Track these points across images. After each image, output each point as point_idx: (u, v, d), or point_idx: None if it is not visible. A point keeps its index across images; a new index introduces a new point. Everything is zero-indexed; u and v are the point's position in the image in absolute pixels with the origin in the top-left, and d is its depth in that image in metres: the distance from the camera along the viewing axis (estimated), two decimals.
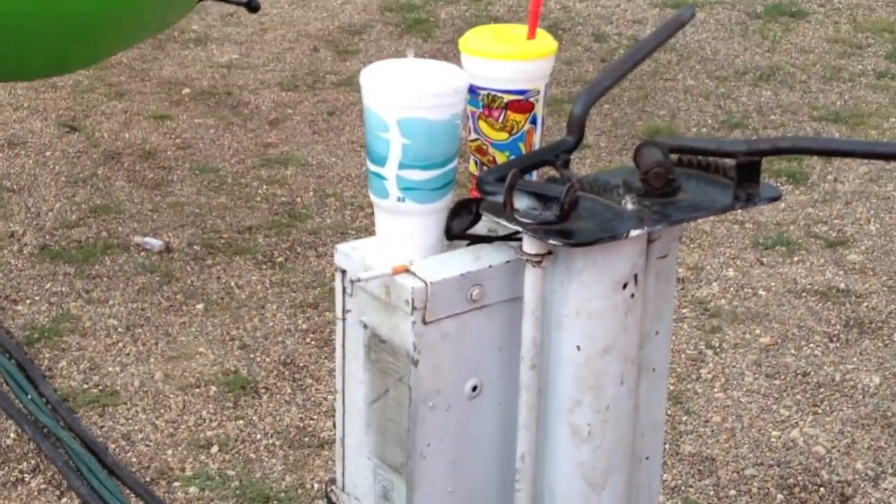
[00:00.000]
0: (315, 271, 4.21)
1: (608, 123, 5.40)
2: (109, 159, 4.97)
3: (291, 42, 6.28)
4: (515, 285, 1.81)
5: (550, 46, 1.95)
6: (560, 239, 1.72)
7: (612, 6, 6.87)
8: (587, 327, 1.79)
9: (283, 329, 3.89)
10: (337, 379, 1.93)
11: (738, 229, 4.53)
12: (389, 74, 1.81)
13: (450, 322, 1.79)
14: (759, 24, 6.63)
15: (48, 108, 5.42)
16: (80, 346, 3.79)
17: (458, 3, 6.87)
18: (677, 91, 5.76)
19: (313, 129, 5.31)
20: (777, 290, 4.16)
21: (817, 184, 4.88)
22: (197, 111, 5.45)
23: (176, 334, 3.86)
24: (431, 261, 1.82)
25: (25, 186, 4.73)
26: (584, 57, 6.14)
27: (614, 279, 1.79)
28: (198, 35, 6.33)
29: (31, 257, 4.25)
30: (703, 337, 3.89)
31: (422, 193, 1.82)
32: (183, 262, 4.25)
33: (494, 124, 1.94)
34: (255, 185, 4.80)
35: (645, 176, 1.83)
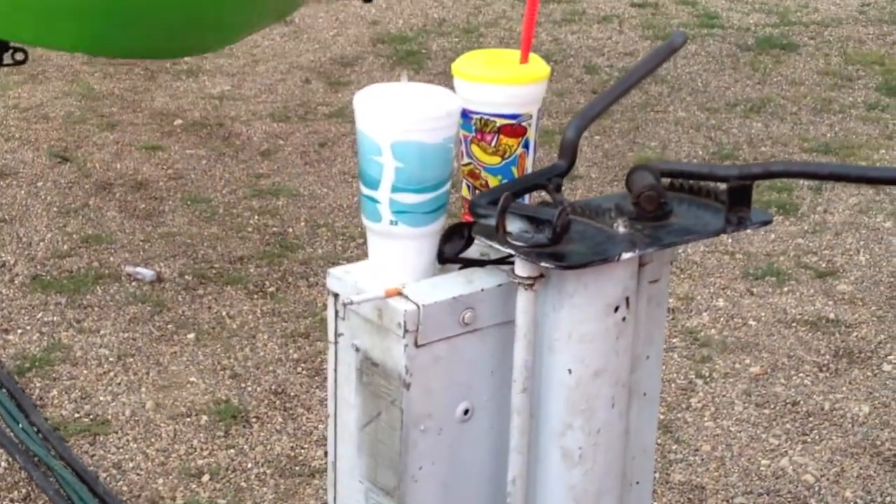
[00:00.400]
0: (306, 301, 4.21)
1: (599, 154, 5.42)
2: (101, 190, 4.98)
3: (283, 74, 6.30)
4: (507, 309, 1.81)
5: (543, 71, 1.96)
6: (552, 262, 1.73)
7: (603, 38, 6.91)
8: (579, 350, 1.80)
9: (274, 358, 3.89)
10: (329, 403, 1.93)
11: (728, 259, 4.54)
12: (383, 98, 1.82)
13: (442, 345, 1.79)
14: (750, 56, 6.68)
15: (40, 138, 5.43)
16: (71, 376, 3.78)
17: (449, 35, 6.90)
18: (668, 123, 5.79)
19: (305, 160, 5.32)
20: (767, 319, 4.17)
21: (807, 214, 4.90)
22: (189, 142, 5.46)
23: (167, 364, 3.85)
24: (424, 284, 1.82)
25: (17, 216, 4.73)
26: (576, 88, 6.17)
27: (606, 302, 1.79)
28: (190, 66, 6.35)
29: (23, 287, 4.25)
30: (693, 366, 3.89)
31: (414, 217, 1.82)
32: (174, 291, 4.25)
33: (487, 148, 1.95)
34: (247, 215, 4.81)
35: (637, 199, 1.83)
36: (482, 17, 7.26)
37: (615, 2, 7.59)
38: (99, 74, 6.21)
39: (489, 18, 7.23)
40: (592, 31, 7.03)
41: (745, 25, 7.18)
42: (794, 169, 1.96)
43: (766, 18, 7.32)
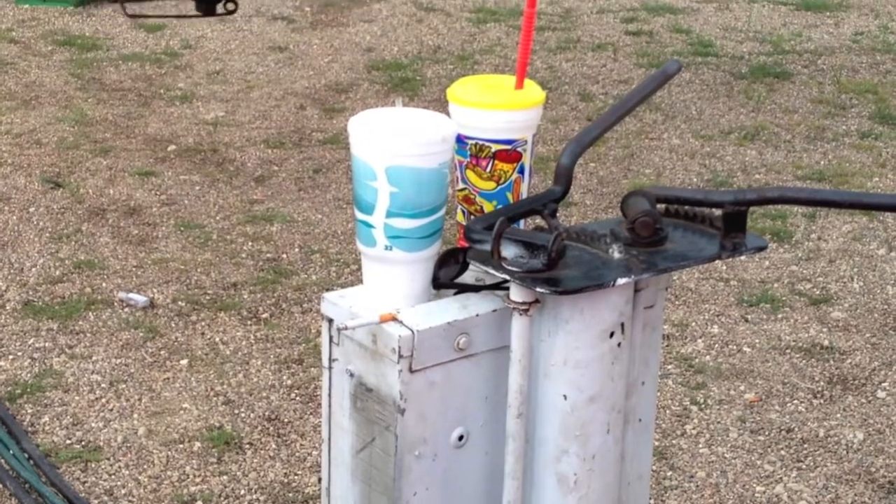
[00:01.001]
0: (300, 327, 4.20)
1: (594, 182, 5.42)
2: (94, 215, 4.97)
3: (278, 100, 6.30)
4: (502, 334, 1.81)
5: (538, 96, 1.96)
6: (547, 287, 1.72)
7: (598, 66, 6.93)
8: (574, 376, 1.79)
9: (267, 385, 3.88)
10: (323, 428, 1.92)
11: (722, 286, 4.54)
12: (378, 123, 1.82)
13: (436, 371, 1.78)
14: (744, 84, 6.69)
15: (32, 164, 5.43)
16: (63, 402, 3.76)
17: (444, 62, 6.92)
18: (662, 150, 5.80)
19: (299, 186, 5.32)
20: (761, 346, 4.17)
21: (801, 242, 4.90)
22: (182, 168, 5.46)
23: (160, 390, 3.84)
24: (418, 309, 1.81)
25: (9, 242, 4.72)
26: (571, 116, 6.18)
27: (601, 328, 1.79)
28: (184, 92, 6.36)
29: (15, 313, 4.24)
30: (687, 393, 3.88)
31: (409, 242, 1.82)
32: (167, 317, 4.24)
33: (482, 174, 1.94)
34: (241, 241, 4.80)
35: (632, 225, 1.83)
36: (477, 44, 7.28)
37: (610, 30, 7.61)
38: (92, 100, 6.21)
39: (484, 45, 7.24)
40: (587, 59, 7.05)
41: (739, 54, 7.21)
42: (789, 195, 1.95)
43: (759, 47, 7.34)
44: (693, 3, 8.23)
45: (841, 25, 7.81)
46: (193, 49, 7.04)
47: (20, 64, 6.70)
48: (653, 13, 7.96)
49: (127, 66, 6.73)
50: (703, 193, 1.95)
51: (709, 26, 7.73)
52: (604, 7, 8.10)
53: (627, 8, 8.09)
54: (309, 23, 7.60)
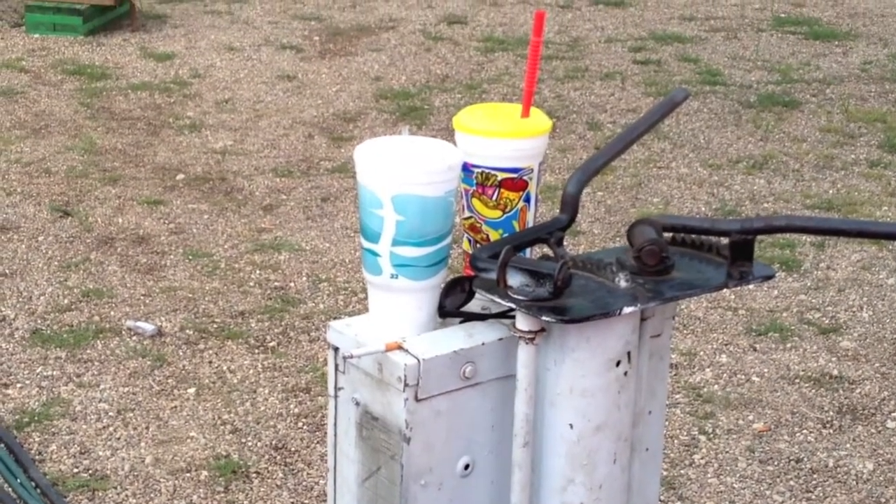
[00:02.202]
0: (308, 356, 4.19)
1: (601, 210, 5.42)
2: (102, 244, 4.97)
3: (286, 129, 6.32)
4: (508, 363, 1.80)
5: (544, 125, 1.96)
6: (553, 316, 1.72)
7: (605, 95, 6.94)
8: (580, 405, 1.78)
9: (274, 413, 3.87)
10: (328, 457, 1.91)
11: (731, 316, 4.53)
12: (384, 151, 1.82)
13: (442, 399, 1.78)
14: (753, 113, 6.70)
15: (41, 192, 5.44)
16: (70, 430, 3.76)
17: (452, 91, 6.93)
18: (671, 179, 5.80)
19: (307, 214, 5.32)
20: (770, 376, 4.15)
21: (810, 271, 4.89)
22: (191, 196, 5.47)
23: (167, 418, 3.83)
24: (424, 338, 1.81)
25: (18, 271, 4.73)
26: (579, 145, 6.19)
27: (607, 357, 1.78)
28: (192, 121, 6.38)
29: (23, 341, 4.24)
30: (696, 422, 3.87)
31: (415, 270, 1.81)
32: (175, 346, 4.24)
33: (488, 202, 1.94)
34: (249, 269, 4.80)
35: (638, 253, 1.83)
36: (485, 73, 7.30)
37: (618, 59, 7.63)
38: (101, 129, 6.23)
39: (492, 75, 7.26)
40: (595, 88, 7.06)
41: (748, 83, 7.21)
42: (796, 224, 1.94)
43: (768, 76, 7.35)
44: (701, 32, 8.24)
45: (849, 54, 7.82)
46: (202, 78, 7.07)
47: (30, 93, 6.73)
48: (661, 42, 7.98)
49: (136, 96, 6.76)
50: (709, 222, 1.94)
51: (717, 55, 7.74)
52: (612, 36, 8.12)
53: (635, 37, 8.11)
54: (317, 52, 7.63)
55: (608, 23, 8.45)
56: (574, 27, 8.33)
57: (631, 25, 8.40)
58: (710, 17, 8.67)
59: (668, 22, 8.51)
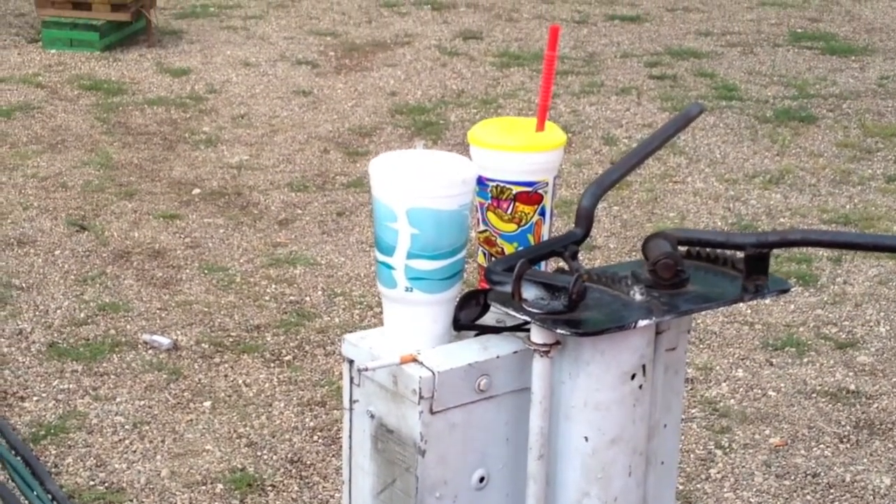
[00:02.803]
0: (323, 369, 4.19)
1: (617, 225, 5.42)
2: (119, 258, 4.99)
3: (301, 144, 6.33)
4: (523, 376, 1.80)
5: (559, 139, 1.96)
6: (568, 329, 1.72)
7: (621, 110, 6.94)
8: (595, 418, 1.78)
9: (290, 427, 3.87)
10: (343, 469, 1.91)
11: (747, 330, 4.52)
12: (398, 165, 1.82)
13: (457, 412, 1.78)
14: (769, 128, 6.69)
15: (58, 207, 5.46)
16: (86, 443, 3.76)
17: (467, 106, 6.94)
18: (686, 193, 5.79)
19: (322, 229, 5.33)
20: (787, 390, 4.14)
21: (827, 286, 4.88)
22: (207, 211, 5.48)
23: (183, 431, 3.84)
24: (439, 350, 1.81)
25: (34, 284, 4.75)
26: (594, 159, 6.19)
27: (622, 370, 1.78)
28: (208, 136, 6.40)
29: (39, 354, 4.25)
30: (712, 437, 3.86)
31: (430, 283, 1.82)
32: (191, 359, 4.24)
33: (503, 216, 1.94)
34: (264, 284, 4.81)
35: (653, 267, 1.83)
36: (500, 88, 7.30)
37: (634, 74, 7.63)
38: (118, 144, 6.25)
39: (507, 90, 7.27)
40: (611, 103, 7.06)
41: (764, 98, 7.21)
42: (812, 238, 1.95)
43: (784, 91, 7.34)
44: (717, 48, 8.24)
45: (866, 69, 7.81)
46: (218, 93, 7.09)
47: (47, 108, 6.76)
48: (676, 57, 7.98)
49: (152, 111, 6.78)
50: (724, 235, 1.95)
51: (733, 70, 7.73)
52: (627, 51, 8.13)
53: (651, 52, 8.11)
54: (333, 67, 7.65)
55: (624, 38, 8.46)
56: (590, 42, 8.33)
57: (647, 41, 8.41)
58: (727, 32, 8.67)
59: (684, 37, 8.51)
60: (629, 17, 9.01)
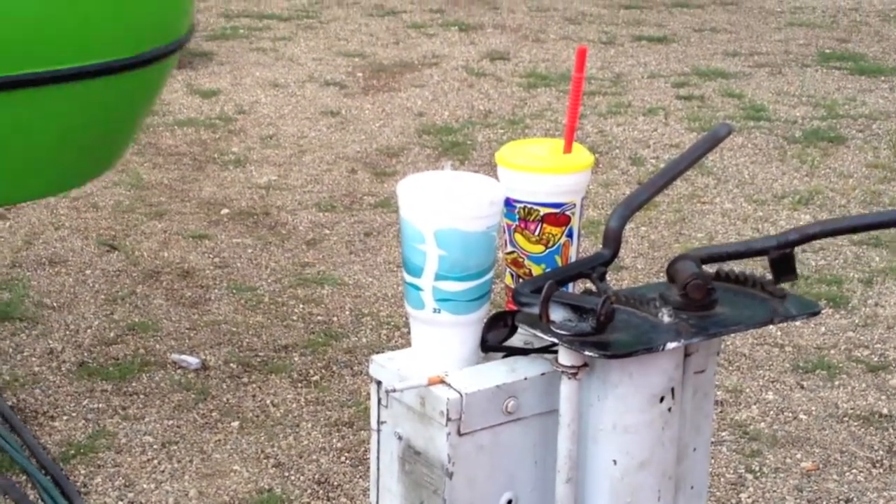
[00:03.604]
0: (351, 390, 4.20)
1: (645, 245, 5.40)
2: (148, 278, 5.01)
3: (329, 164, 6.35)
4: (551, 398, 1.80)
5: (587, 160, 1.96)
6: (596, 351, 1.71)
7: (649, 130, 6.93)
8: (624, 441, 1.77)
9: (317, 447, 3.87)
10: (371, 491, 1.91)
11: (777, 352, 4.49)
12: (426, 186, 1.82)
13: (485, 434, 1.77)
14: (798, 148, 6.66)
15: (89, 227, 5.49)
16: (115, 463, 3.77)
17: (494, 126, 6.95)
18: (715, 214, 5.77)
19: (350, 249, 5.34)
20: (818, 414, 4.11)
21: (858, 308, 4.84)
22: (235, 231, 5.50)
23: (211, 452, 3.84)
24: (467, 372, 1.81)
25: (65, 304, 4.77)
26: (622, 180, 6.18)
27: (651, 392, 1.77)
28: (237, 156, 6.42)
29: (69, 374, 4.27)
30: (742, 461, 3.84)
31: (457, 305, 1.82)
32: (219, 379, 4.25)
33: (530, 237, 1.94)
34: (292, 304, 4.82)
35: (684, 289, 1.82)
36: (528, 108, 7.31)
37: (661, 94, 7.62)
38: (148, 165, 6.29)
39: (535, 110, 7.27)
40: (638, 123, 7.05)
41: (793, 118, 7.18)
42: (830, 227, 1.94)
43: (813, 111, 7.32)
44: (745, 68, 8.23)
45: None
46: (247, 114, 7.12)
47: None
48: (704, 78, 7.97)
49: (182, 132, 6.82)
50: (745, 245, 1.94)
51: (761, 91, 7.71)
52: (655, 72, 8.12)
53: (678, 73, 8.10)
54: (361, 88, 7.68)
55: (651, 58, 8.45)
56: (617, 63, 8.33)
57: (674, 61, 8.40)
58: (754, 52, 8.66)
59: (712, 57, 8.50)
60: (656, 37, 9.01)
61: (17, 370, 4.27)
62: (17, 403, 4.07)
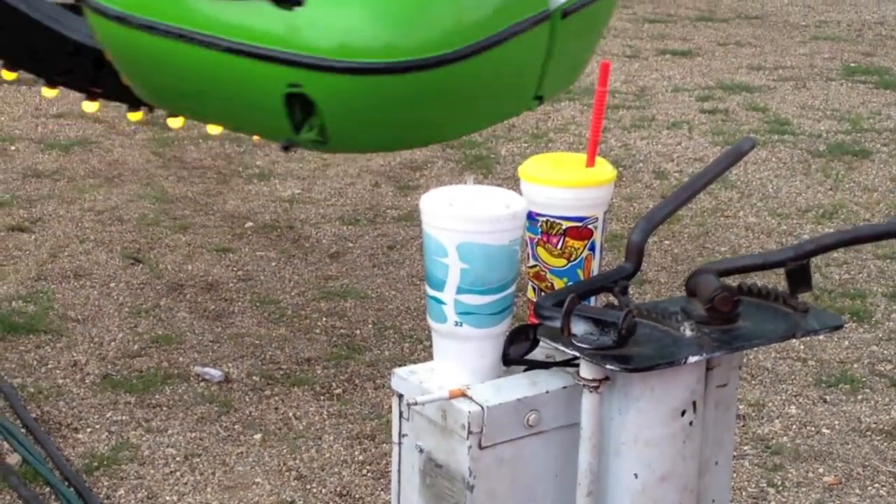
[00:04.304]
0: (373, 403, 4.20)
1: (668, 259, 5.40)
2: (172, 290, 5.03)
3: (353, 177, 6.37)
4: (572, 411, 1.80)
5: (609, 174, 1.97)
6: (618, 364, 1.72)
7: (672, 144, 6.92)
8: (645, 455, 1.77)
9: (339, 460, 3.88)
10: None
11: (800, 366, 4.48)
12: (449, 200, 1.83)
13: (506, 447, 1.78)
14: (822, 162, 6.65)
15: (114, 240, 5.52)
16: (138, 475, 3.79)
17: (518, 140, 6.95)
18: (738, 228, 5.76)
19: (373, 262, 5.35)
20: (841, 428, 4.09)
21: (881, 322, 4.83)
22: (259, 244, 5.52)
23: (233, 464, 3.85)
24: (488, 385, 1.81)
25: (89, 317, 4.79)
26: (645, 194, 6.17)
27: (672, 406, 1.77)
28: (261, 170, 6.45)
29: (93, 386, 4.29)
30: (764, 474, 3.82)
31: (479, 318, 1.82)
32: (242, 392, 4.26)
33: (553, 251, 1.95)
34: (315, 317, 4.83)
35: (711, 302, 1.82)
36: (551, 122, 7.31)
37: (685, 108, 7.61)
38: (173, 178, 6.32)
39: (558, 124, 7.28)
40: (662, 137, 7.05)
41: (817, 132, 7.17)
42: (846, 237, 1.94)
43: (837, 125, 7.30)
44: (769, 82, 8.21)
45: None
46: None
47: (104, 143, 6.84)
48: (728, 91, 7.96)
49: (207, 145, 6.85)
50: (762, 257, 1.94)
51: (785, 104, 7.70)
52: (679, 86, 8.11)
53: (702, 86, 8.09)
54: None
55: (675, 72, 8.45)
56: (640, 77, 8.33)
57: (698, 75, 8.39)
58: (779, 66, 8.64)
59: (736, 71, 8.49)
60: (680, 51, 9.00)
61: (42, 382, 4.30)
62: (42, 415, 4.09)
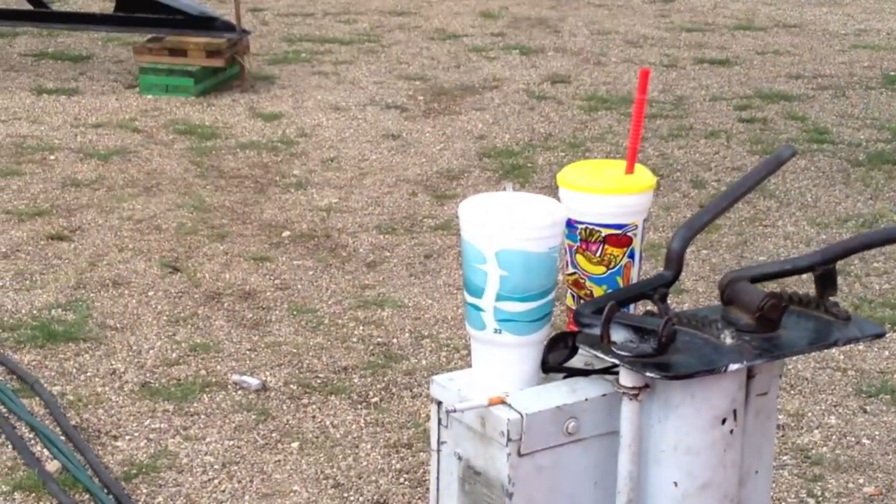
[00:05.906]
0: (410, 411, 4.20)
1: (706, 269, 5.37)
2: (210, 299, 5.05)
3: (390, 186, 6.38)
4: (612, 419, 1.79)
5: (649, 181, 1.96)
6: (657, 372, 1.71)
7: (710, 153, 6.90)
8: (685, 462, 1.76)
9: (376, 468, 3.88)
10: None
11: (840, 376, 4.45)
12: (488, 207, 1.83)
13: (545, 455, 1.77)
14: (862, 171, 6.60)
15: (152, 249, 5.55)
16: (176, 483, 3.80)
17: (555, 149, 6.94)
18: (777, 237, 5.73)
19: (410, 271, 5.35)
20: (881, 438, 4.06)
21: None
22: (296, 253, 5.53)
23: (271, 472, 3.86)
24: (527, 393, 1.81)
25: (128, 325, 4.82)
26: (683, 203, 6.15)
27: (713, 414, 1.77)
28: (299, 179, 6.47)
29: (132, 394, 4.31)
30: (804, 485, 3.80)
31: (518, 325, 1.82)
32: (279, 400, 4.28)
33: (592, 258, 1.94)
34: (352, 325, 4.84)
35: (761, 311, 1.81)
36: (588, 131, 7.30)
37: (723, 117, 7.58)
38: (210, 187, 6.35)
39: (595, 133, 7.26)
40: (700, 146, 7.02)
41: (856, 141, 7.12)
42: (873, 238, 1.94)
43: (877, 134, 7.25)
44: (808, 91, 8.17)
45: None
46: (309, 137, 7.18)
47: (143, 152, 6.89)
48: (767, 100, 7.92)
49: (244, 154, 6.88)
50: (791, 263, 1.94)
51: (824, 113, 7.66)
52: (717, 94, 8.08)
53: (741, 95, 8.06)
54: (422, 111, 7.71)
55: (713, 81, 8.42)
56: (678, 86, 8.31)
57: (736, 84, 8.36)
58: (818, 75, 8.59)
59: (775, 80, 8.45)
60: (718, 60, 8.97)
61: (81, 390, 4.32)
62: (81, 423, 4.11)
